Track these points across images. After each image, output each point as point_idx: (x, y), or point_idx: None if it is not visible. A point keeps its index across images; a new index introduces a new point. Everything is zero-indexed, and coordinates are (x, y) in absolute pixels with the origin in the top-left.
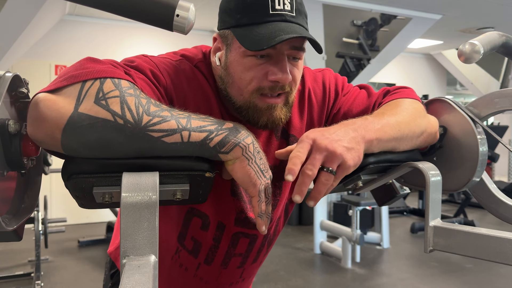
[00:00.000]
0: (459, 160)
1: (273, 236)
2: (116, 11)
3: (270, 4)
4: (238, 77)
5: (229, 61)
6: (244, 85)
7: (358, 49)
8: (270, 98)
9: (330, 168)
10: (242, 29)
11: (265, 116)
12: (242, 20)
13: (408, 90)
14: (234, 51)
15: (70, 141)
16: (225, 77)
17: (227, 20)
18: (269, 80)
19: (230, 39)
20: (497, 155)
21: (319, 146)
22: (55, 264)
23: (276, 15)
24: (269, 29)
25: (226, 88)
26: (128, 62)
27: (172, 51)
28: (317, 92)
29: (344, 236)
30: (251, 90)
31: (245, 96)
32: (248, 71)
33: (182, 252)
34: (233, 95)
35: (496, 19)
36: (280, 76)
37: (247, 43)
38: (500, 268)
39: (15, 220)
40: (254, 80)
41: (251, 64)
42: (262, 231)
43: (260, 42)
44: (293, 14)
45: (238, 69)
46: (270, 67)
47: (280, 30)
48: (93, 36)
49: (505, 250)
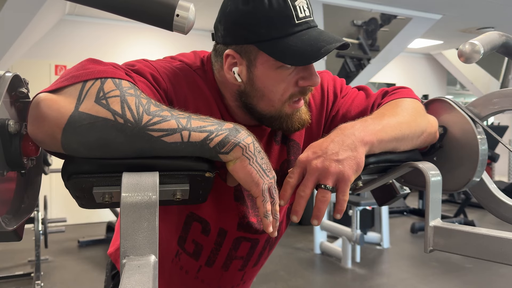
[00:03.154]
0: (459, 160)
1: (275, 239)
2: (116, 11)
3: (294, 14)
4: (269, 91)
5: (255, 75)
6: (278, 96)
7: (358, 49)
8: (297, 103)
9: (326, 185)
10: (271, 44)
11: (296, 121)
12: (268, 34)
13: (406, 90)
14: (261, 66)
15: (70, 140)
16: (251, 92)
17: (246, 35)
18: (300, 86)
19: (254, 53)
20: (497, 155)
21: (309, 168)
22: (55, 264)
23: (302, 23)
24: (303, 40)
25: (251, 102)
26: (129, 66)
27: (170, 56)
28: (315, 95)
29: (344, 236)
30: (283, 100)
31: (276, 107)
32: (280, 83)
33: (183, 255)
34: (262, 108)
35: (496, 19)
36: (313, 81)
37: (288, 58)
38: (500, 268)
39: (15, 220)
40: (287, 89)
41: (283, 75)
42: (269, 232)
43: (304, 56)
44: (312, 18)
45: (269, 82)
46: (300, 74)
47: (317, 40)
48: (93, 36)
49: (505, 250)
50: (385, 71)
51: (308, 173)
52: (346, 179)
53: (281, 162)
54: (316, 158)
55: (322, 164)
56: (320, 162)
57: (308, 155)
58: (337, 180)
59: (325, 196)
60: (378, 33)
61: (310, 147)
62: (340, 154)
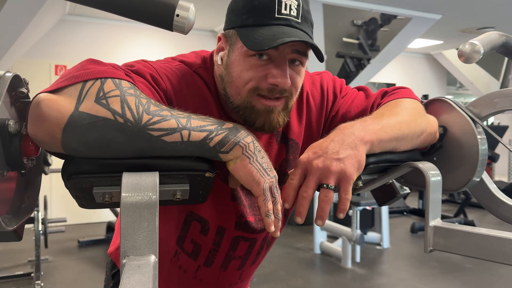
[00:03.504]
0: (459, 160)
1: (272, 238)
2: (116, 11)
3: (277, 8)
4: (237, 76)
5: (231, 60)
6: (242, 84)
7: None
8: (268, 100)
9: (328, 184)
10: (246, 30)
11: (262, 118)
12: (247, 20)
13: (406, 90)
14: (237, 51)
15: (70, 140)
16: (225, 76)
17: (233, 20)
18: (268, 83)
19: (233, 38)
20: (497, 155)
21: (310, 168)
22: (55, 264)
23: (282, 19)
24: (272, 31)
25: (225, 87)
26: (128, 67)
27: (170, 57)
28: (315, 96)
29: (344, 236)
30: (248, 89)
31: (242, 95)
32: (248, 70)
33: (181, 255)
34: (231, 95)
35: (496, 19)
36: (280, 80)
37: (249, 43)
38: (500, 268)
39: (15, 220)
40: (253, 80)
41: (252, 64)
42: (270, 231)
43: (262, 43)
44: (298, 20)
45: (238, 68)
46: (271, 70)
47: (283, 33)
48: (93, 36)
49: (505, 250)
50: (385, 71)
51: (310, 174)
52: (348, 177)
53: (280, 161)
54: (317, 158)
55: (323, 163)
56: (321, 161)
57: (309, 155)
58: (339, 179)
59: (328, 196)
60: (378, 33)
61: (310, 148)
62: (340, 153)
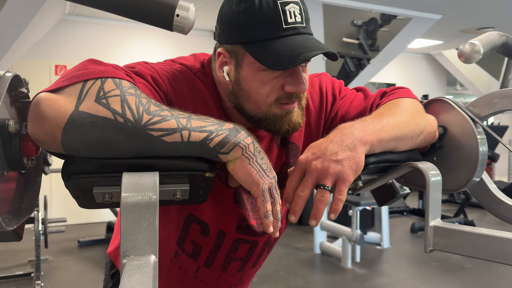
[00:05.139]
0: (459, 160)
1: (274, 240)
2: (116, 11)
3: (283, 18)
4: (254, 92)
5: (242, 76)
6: (262, 99)
7: (358, 49)
8: (288, 105)
9: (325, 185)
10: (256, 46)
11: (285, 123)
12: (255, 36)
13: (405, 90)
14: (247, 67)
15: (70, 140)
16: (238, 92)
17: (236, 35)
18: (287, 91)
19: (241, 54)
20: (497, 155)
21: (309, 169)
22: (55, 264)
23: (290, 29)
24: (287, 45)
25: (239, 102)
26: (129, 68)
27: (170, 59)
28: (314, 97)
29: (344, 236)
30: (269, 103)
31: (263, 109)
32: (265, 85)
33: (182, 255)
34: (249, 109)
35: (496, 19)
36: (298, 88)
37: (268, 62)
38: (500, 268)
39: (15, 220)
40: (272, 93)
41: (267, 78)
42: (269, 232)
43: (283, 61)
44: (304, 25)
45: (253, 84)
46: (286, 79)
47: (300, 46)
48: (93, 36)
49: (505, 250)
50: (385, 71)
51: (308, 174)
52: (345, 179)
53: (281, 164)
54: (316, 159)
55: (321, 164)
56: (320, 162)
57: (308, 156)
58: (336, 181)
59: (324, 196)
60: (378, 33)
61: (309, 148)
62: (339, 154)
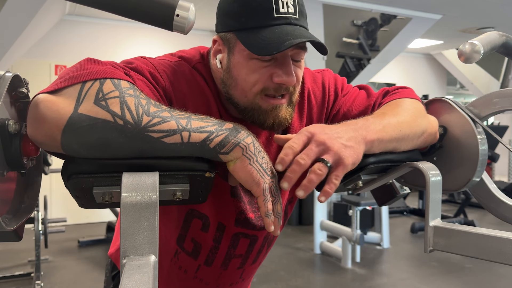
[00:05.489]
0: (459, 160)
1: (273, 237)
2: (116, 11)
3: (275, 7)
4: (242, 80)
5: (232, 64)
6: (249, 87)
7: (358, 49)
8: (274, 99)
9: (325, 160)
10: (247, 33)
11: (270, 117)
12: (247, 23)
13: (407, 90)
14: (238, 54)
15: (70, 141)
16: (228, 79)
17: (230, 23)
18: (274, 82)
19: (233, 42)
20: (497, 155)
21: (316, 139)
22: (55, 264)
23: (281, 18)
24: (275, 33)
25: (228, 90)
26: (127, 64)
27: (170, 53)
28: (316, 93)
29: (344, 236)
30: (255, 92)
31: (249, 97)
32: (253, 73)
33: (181, 255)
34: (237, 97)
35: (496, 19)
36: (286, 78)
37: (255, 48)
38: (500, 268)
39: (15, 220)
40: (259, 82)
41: (256, 66)
42: (270, 231)
43: (268, 47)
44: (296, 16)
45: (243, 71)
46: (275, 69)
47: (287, 34)
48: (93, 36)
49: (505, 250)
50: (385, 71)
51: (313, 143)
52: (345, 164)
53: None
54: (324, 134)
55: (328, 140)
56: (327, 138)
57: (316, 128)
58: (336, 162)
59: (321, 170)
60: (378, 33)
61: (315, 125)
62: (346, 140)
